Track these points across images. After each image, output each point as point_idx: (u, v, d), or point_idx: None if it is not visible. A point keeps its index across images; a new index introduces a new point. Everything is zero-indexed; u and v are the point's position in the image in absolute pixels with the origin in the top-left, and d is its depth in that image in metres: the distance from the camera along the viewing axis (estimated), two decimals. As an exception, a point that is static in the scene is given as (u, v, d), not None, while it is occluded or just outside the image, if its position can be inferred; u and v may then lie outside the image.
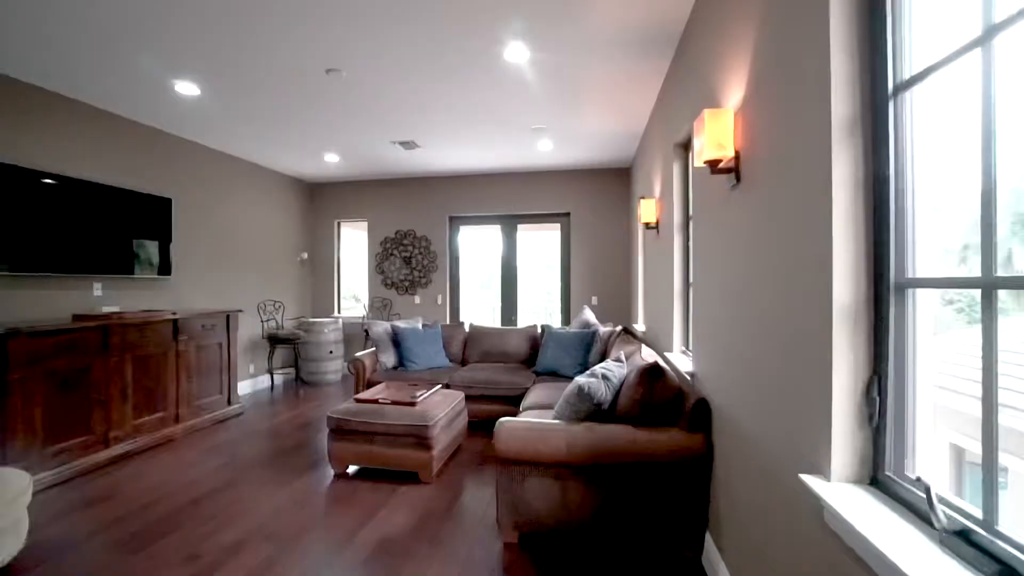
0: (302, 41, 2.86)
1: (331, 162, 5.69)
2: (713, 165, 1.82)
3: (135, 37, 2.82)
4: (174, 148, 4.59)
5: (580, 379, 2.36)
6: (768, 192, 1.51)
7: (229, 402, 4.57)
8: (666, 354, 3.17)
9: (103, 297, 3.92)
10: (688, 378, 2.58)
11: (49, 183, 3.46)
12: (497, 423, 2.38)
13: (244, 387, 5.49)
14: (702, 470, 2.19)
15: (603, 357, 4.15)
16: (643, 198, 3.86)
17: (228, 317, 4.56)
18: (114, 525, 2.54)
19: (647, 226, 3.87)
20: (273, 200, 6.07)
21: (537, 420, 2.38)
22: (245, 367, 5.54)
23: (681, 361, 2.86)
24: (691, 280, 3.00)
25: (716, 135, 1.77)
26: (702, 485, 2.20)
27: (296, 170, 6.14)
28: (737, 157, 1.77)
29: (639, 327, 4.71)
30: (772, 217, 1.48)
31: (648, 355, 2.87)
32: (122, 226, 3.99)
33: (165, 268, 4.38)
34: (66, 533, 2.47)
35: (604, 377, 2.41)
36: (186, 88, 3.51)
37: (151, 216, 4.25)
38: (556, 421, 2.36)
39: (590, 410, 2.33)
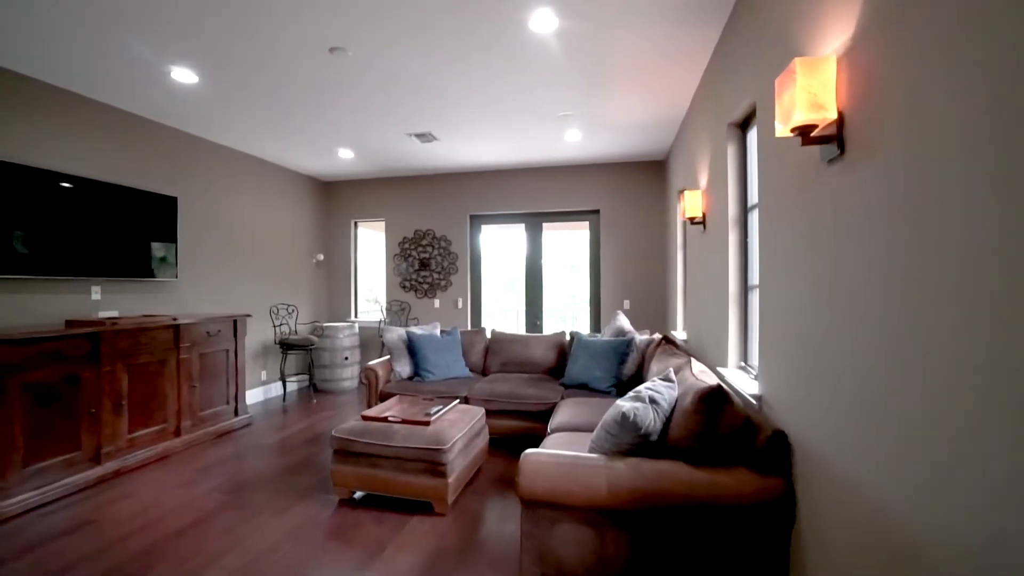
0: (300, 14, 2.53)
1: (345, 158, 5.39)
2: (805, 133, 1.38)
3: (127, 20, 2.54)
4: (177, 143, 4.35)
5: (624, 404, 1.94)
6: (899, 164, 1.07)
7: (236, 412, 4.29)
8: (719, 369, 2.72)
9: (102, 301, 3.68)
10: (752, 402, 2.12)
11: (43, 179, 3.23)
12: (522, 456, 1.98)
13: (256, 395, 5.24)
14: (779, 521, 1.74)
15: (639, 369, 3.70)
16: (685, 191, 3.40)
17: (235, 322, 4.29)
18: (85, 561, 2.23)
19: (691, 221, 3.41)
20: (286, 199, 5.81)
21: (569, 453, 1.96)
22: (257, 374, 5.28)
23: (739, 380, 2.40)
24: (752, 283, 2.54)
25: (810, 93, 1.33)
26: (778, 541, 1.75)
27: (310, 168, 5.88)
28: (840, 120, 1.33)
29: (679, 335, 4.24)
30: (907, 196, 1.04)
31: (700, 371, 2.42)
32: (124, 226, 3.74)
33: (170, 270, 4.13)
34: (29, 570, 2.17)
35: (652, 401, 1.98)
36: (182, 75, 3.22)
37: (155, 215, 4.00)
38: (592, 455, 1.94)
39: (635, 442, 1.91)
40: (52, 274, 3.29)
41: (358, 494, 2.89)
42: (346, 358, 5.76)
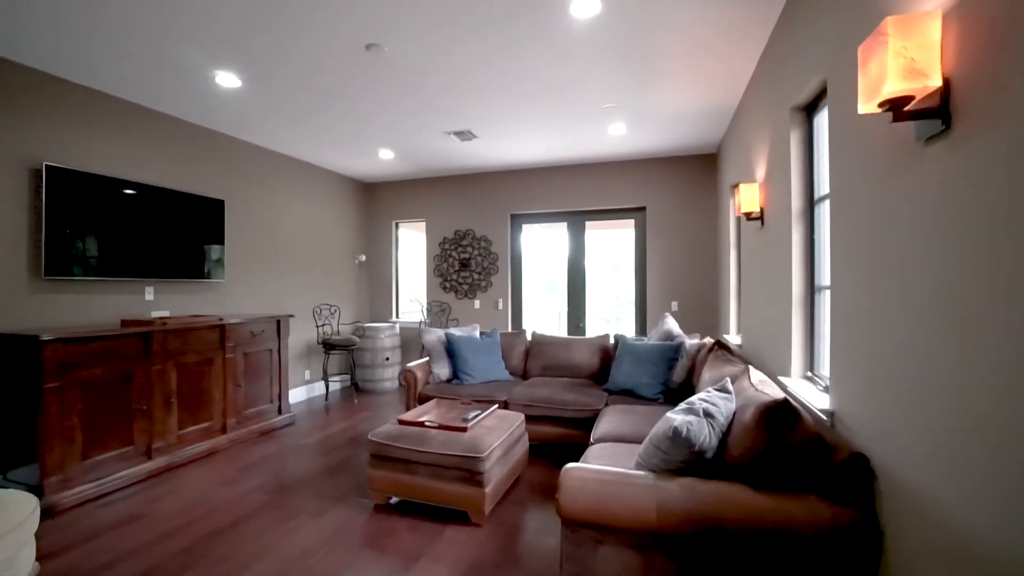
0: (336, 11, 2.48)
1: (386, 159, 5.40)
2: (898, 107, 1.17)
3: (179, 28, 2.58)
4: (223, 147, 4.46)
5: (675, 418, 1.76)
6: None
7: (280, 411, 4.36)
8: (781, 379, 2.47)
9: (154, 301, 3.81)
10: (823, 418, 1.88)
11: (110, 186, 3.37)
12: (562, 471, 1.83)
13: (299, 393, 5.33)
14: (857, 558, 1.51)
15: (689, 375, 3.47)
16: (740, 184, 3.14)
17: (279, 322, 4.36)
18: (129, 557, 2.27)
19: (747, 217, 3.15)
20: (328, 201, 5.90)
21: (614, 470, 1.80)
22: (300, 373, 5.38)
23: (805, 391, 2.16)
24: (820, 283, 2.29)
25: (907, 58, 1.12)
26: (858, 580, 1.52)
27: (352, 169, 5.94)
28: (946, 88, 1.11)
29: (732, 339, 3.96)
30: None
31: (759, 381, 2.19)
32: (178, 229, 3.87)
33: (218, 271, 4.25)
34: (77, 564, 2.22)
35: (707, 415, 1.78)
36: (226, 79, 3.27)
37: (205, 218, 4.12)
38: (640, 472, 1.77)
39: (688, 460, 1.72)
40: (116, 276, 3.45)
41: (394, 499, 2.83)
42: (387, 358, 5.78)
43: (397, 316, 6.64)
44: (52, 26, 2.62)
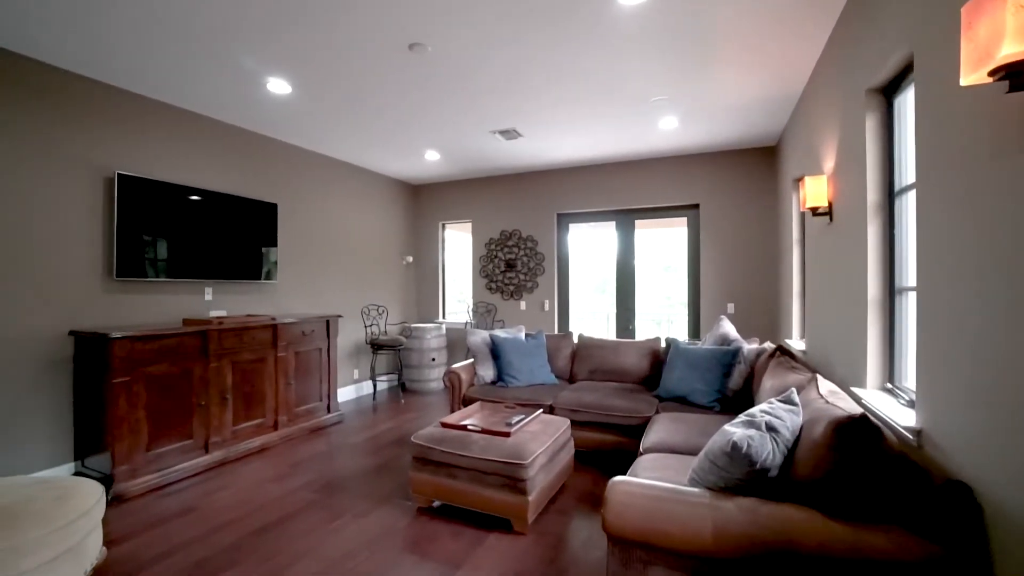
0: (379, 12, 2.48)
1: (432, 161, 5.43)
2: (1016, 73, 0.98)
3: (237, 37, 2.67)
4: (275, 152, 4.62)
5: (734, 431, 1.60)
6: None
7: (329, 409, 4.45)
8: (854, 391, 2.23)
9: (212, 302, 3.99)
10: (908, 436, 1.67)
11: (177, 192, 3.56)
12: (609, 484, 1.71)
13: (348, 392, 5.45)
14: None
15: (748, 383, 3.24)
16: (805, 177, 2.89)
17: (328, 322, 4.46)
18: (183, 548, 2.35)
19: (813, 212, 2.90)
20: (376, 203, 6.01)
21: (665, 485, 1.66)
22: (349, 372, 5.49)
23: (885, 405, 1.93)
24: (902, 284, 2.05)
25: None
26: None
27: (399, 172, 6.02)
28: (1078, 48, 0.92)
29: (795, 345, 3.67)
30: None
31: (830, 392, 1.97)
32: (236, 232, 4.04)
33: (271, 273, 4.40)
34: (138, 552, 2.31)
35: (770, 429, 1.61)
36: (277, 86, 3.37)
37: (259, 221, 4.28)
38: (694, 489, 1.63)
39: (747, 477, 1.56)
40: (179, 277, 3.64)
41: (436, 503, 2.80)
42: (433, 359, 5.81)
43: (444, 317, 6.68)
44: (125, 43, 2.77)
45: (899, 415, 1.79)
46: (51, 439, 3.05)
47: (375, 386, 5.45)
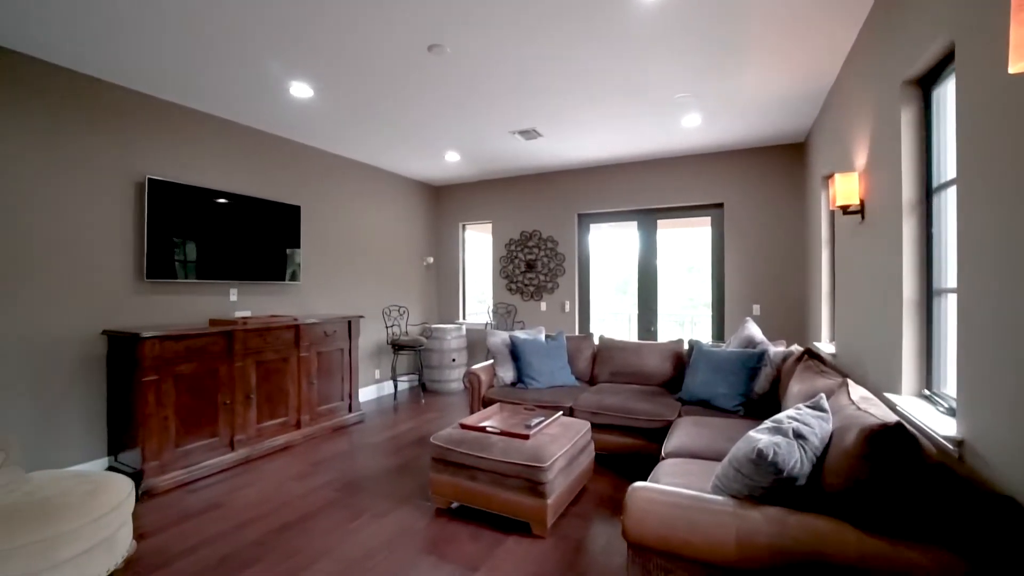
0: (397, 14, 2.48)
1: (452, 162, 5.44)
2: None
3: (262, 43, 2.72)
4: (298, 156, 4.69)
5: (760, 438, 1.54)
6: None
7: (350, 409, 4.50)
8: (888, 397, 2.13)
9: (237, 302, 4.07)
10: (948, 447, 1.58)
11: (206, 196, 3.65)
12: (629, 491, 1.67)
13: (369, 392, 5.50)
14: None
15: (774, 386, 3.14)
16: (835, 174, 2.79)
17: (349, 323, 4.51)
18: (209, 544, 2.39)
19: (843, 211, 2.80)
20: (397, 204, 6.05)
21: (687, 492, 1.62)
22: (370, 372, 5.55)
23: (922, 413, 1.84)
24: (941, 285, 1.95)
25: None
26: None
27: (420, 173, 6.06)
28: None
29: (824, 348, 3.55)
30: None
31: (861, 399, 1.89)
32: (261, 234, 4.13)
33: (294, 274, 4.48)
34: (167, 546, 2.37)
35: (798, 436, 1.55)
36: (300, 90, 3.42)
37: (283, 223, 4.36)
38: (717, 497, 1.58)
39: (774, 486, 1.51)
40: (206, 278, 3.73)
41: (455, 504, 2.79)
42: (453, 359, 5.83)
43: (464, 317, 6.69)
44: (156, 52, 2.85)
45: (938, 424, 1.70)
46: (86, 434, 3.15)
47: (396, 386, 5.50)
